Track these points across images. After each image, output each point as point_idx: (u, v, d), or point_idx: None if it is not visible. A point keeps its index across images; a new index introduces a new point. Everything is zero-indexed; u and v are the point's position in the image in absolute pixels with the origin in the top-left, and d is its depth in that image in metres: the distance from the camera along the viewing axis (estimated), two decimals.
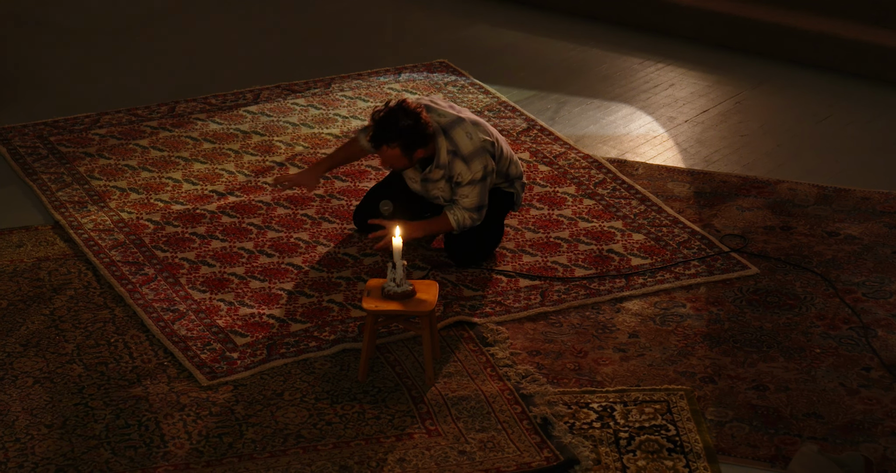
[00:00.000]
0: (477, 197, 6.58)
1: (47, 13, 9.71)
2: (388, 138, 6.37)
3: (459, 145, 6.53)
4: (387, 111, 6.38)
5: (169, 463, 5.51)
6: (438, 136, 6.51)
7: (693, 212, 7.26)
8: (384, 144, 6.39)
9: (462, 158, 6.51)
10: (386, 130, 6.36)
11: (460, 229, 6.63)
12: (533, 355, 6.17)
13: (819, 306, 6.50)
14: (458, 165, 6.52)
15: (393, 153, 6.41)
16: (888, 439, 5.65)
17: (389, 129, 6.36)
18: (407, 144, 6.39)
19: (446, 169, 6.56)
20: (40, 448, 5.58)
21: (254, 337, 6.26)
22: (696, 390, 5.94)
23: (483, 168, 6.53)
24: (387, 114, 6.37)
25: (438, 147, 6.52)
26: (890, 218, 7.19)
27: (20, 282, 6.62)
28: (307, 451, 5.58)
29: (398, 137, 6.36)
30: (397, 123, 6.35)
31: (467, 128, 6.55)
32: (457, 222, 6.60)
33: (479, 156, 6.53)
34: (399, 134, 6.36)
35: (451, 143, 6.53)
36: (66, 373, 6.01)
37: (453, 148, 6.52)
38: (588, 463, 5.50)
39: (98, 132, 8.02)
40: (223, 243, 6.95)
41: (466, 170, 6.52)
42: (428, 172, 6.59)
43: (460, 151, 6.52)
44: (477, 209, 6.60)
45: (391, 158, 6.45)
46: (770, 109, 8.46)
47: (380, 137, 6.39)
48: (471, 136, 6.54)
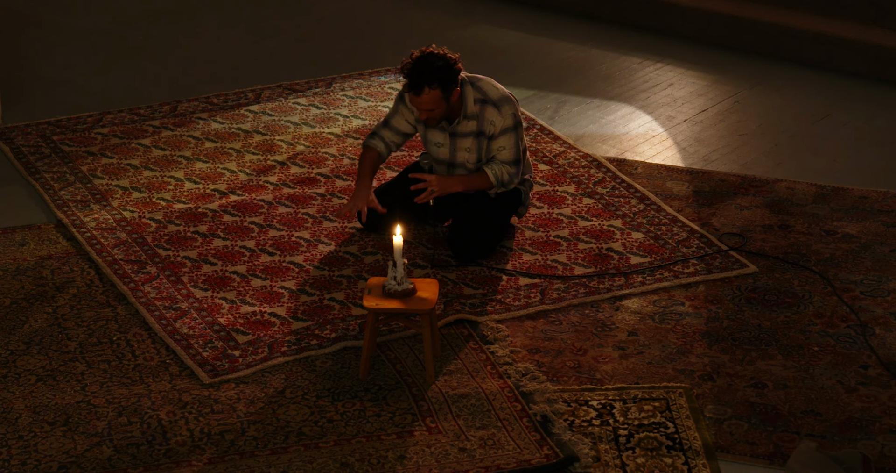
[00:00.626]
0: (513, 149, 6.65)
1: (50, 13, 9.71)
2: (427, 80, 6.46)
3: (487, 92, 6.64)
4: (415, 59, 6.50)
5: (171, 461, 5.51)
6: (465, 86, 6.60)
7: (692, 211, 7.26)
8: (425, 85, 6.46)
9: (492, 103, 6.61)
10: (423, 72, 6.46)
11: (499, 184, 6.71)
12: (533, 353, 6.17)
13: (817, 304, 6.50)
14: (489, 111, 6.59)
15: (433, 96, 6.49)
16: (886, 436, 5.65)
17: (426, 71, 6.46)
18: (445, 82, 6.48)
19: (477, 119, 6.61)
20: (43, 445, 5.58)
21: (255, 335, 6.26)
22: (694, 387, 5.93)
23: (513, 115, 6.62)
24: (418, 60, 6.49)
25: (465, 97, 6.60)
26: (888, 217, 7.18)
27: (23, 280, 6.62)
28: (308, 448, 5.58)
29: (436, 77, 6.46)
30: (432, 64, 6.47)
31: (491, 81, 6.69)
32: (495, 176, 6.67)
33: (507, 102, 6.64)
34: (436, 73, 6.46)
35: (478, 91, 6.64)
36: (69, 371, 6.01)
37: (481, 96, 6.63)
38: (587, 461, 5.50)
39: (101, 131, 8.02)
40: (225, 242, 6.95)
41: (499, 116, 6.59)
42: (456, 124, 6.63)
43: (489, 97, 6.63)
44: (514, 163, 6.68)
45: (430, 103, 6.51)
46: (768, 108, 8.46)
47: (419, 80, 6.47)
48: (496, 86, 6.68)
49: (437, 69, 6.46)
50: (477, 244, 6.76)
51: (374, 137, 6.84)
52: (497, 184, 6.71)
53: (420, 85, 6.47)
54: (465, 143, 6.69)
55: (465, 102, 6.61)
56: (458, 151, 6.72)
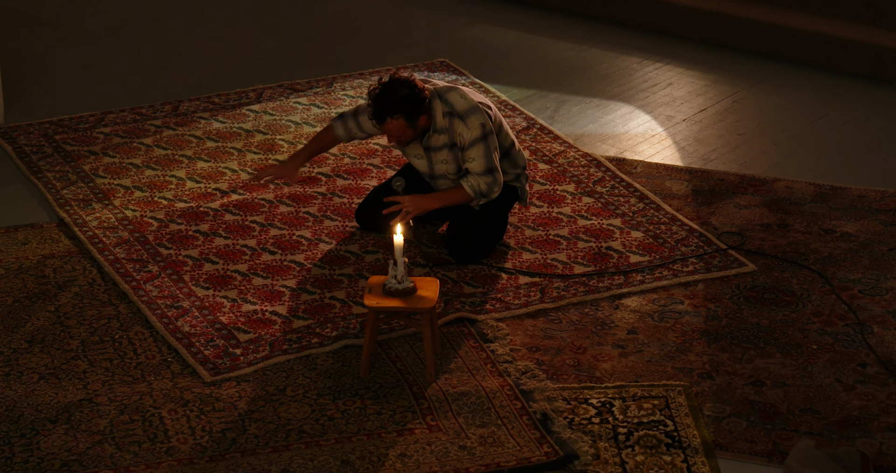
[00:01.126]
0: (483, 159, 6.58)
1: (52, 13, 9.71)
2: (389, 110, 6.41)
3: (454, 105, 6.57)
4: (382, 86, 6.42)
5: (173, 458, 5.51)
6: (434, 100, 6.55)
7: (691, 210, 7.25)
8: (388, 116, 6.42)
9: (458, 116, 6.55)
10: (386, 102, 6.40)
11: (478, 196, 6.64)
12: (533, 351, 6.17)
13: (816, 302, 6.50)
14: (456, 124, 6.55)
15: (397, 124, 6.45)
16: (884, 434, 5.65)
17: (389, 101, 6.40)
18: (408, 112, 6.43)
19: (447, 133, 6.58)
20: (45, 443, 5.58)
21: (256, 334, 6.26)
22: (693, 386, 5.93)
23: (481, 126, 6.54)
24: (383, 88, 6.41)
25: (433, 111, 6.55)
26: (886, 216, 7.18)
27: (25, 279, 6.62)
28: (309, 446, 5.58)
29: (399, 107, 6.40)
30: (395, 93, 6.39)
31: (461, 92, 6.61)
32: (472, 188, 6.61)
33: (474, 113, 6.55)
34: (399, 104, 6.40)
35: (445, 104, 6.57)
36: (71, 369, 6.01)
37: (448, 109, 6.57)
38: (587, 458, 5.50)
39: (102, 131, 8.02)
40: (226, 241, 6.95)
41: (465, 128, 6.54)
42: (427, 139, 6.60)
43: (455, 109, 6.56)
44: (489, 172, 6.60)
45: (396, 130, 6.48)
46: (767, 107, 8.46)
47: (381, 110, 6.43)
48: (464, 97, 6.59)
49: (400, 99, 6.39)
50: (475, 245, 6.75)
51: (339, 120, 6.85)
52: (476, 196, 6.65)
53: (383, 115, 6.42)
54: (441, 155, 6.67)
55: (433, 116, 6.57)
56: (436, 164, 6.71)
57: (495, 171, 6.61)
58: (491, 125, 6.59)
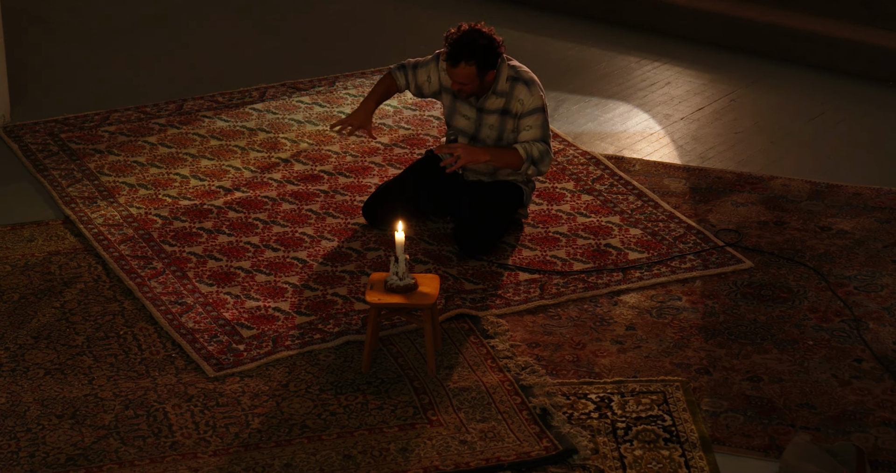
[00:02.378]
0: (540, 128, 6.62)
1: (58, 13, 9.70)
2: (466, 56, 6.44)
3: (520, 72, 6.63)
4: (462, 32, 6.47)
5: (177, 453, 5.50)
6: (501, 64, 6.60)
7: (689, 207, 7.25)
8: (462, 60, 6.44)
9: (524, 82, 6.60)
10: (465, 47, 6.44)
11: (529, 161, 6.62)
12: (532, 347, 6.16)
13: (812, 299, 6.50)
14: (519, 89, 6.58)
15: (468, 72, 6.47)
16: (879, 429, 5.65)
17: (468, 46, 6.44)
18: (482, 62, 6.47)
19: (506, 96, 6.60)
20: (51, 437, 5.58)
21: (260, 330, 6.25)
22: (691, 381, 5.93)
23: (542, 98, 6.61)
24: (464, 33, 6.46)
25: (499, 72, 6.59)
26: (881, 213, 7.18)
27: (31, 276, 6.62)
28: (312, 441, 5.57)
29: (475, 54, 6.44)
30: (475, 41, 6.44)
31: (524, 67, 6.68)
32: (525, 150, 6.61)
33: (537, 85, 6.63)
34: (476, 52, 6.44)
35: (512, 69, 6.62)
36: (77, 365, 6.01)
37: (514, 74, 6.62)
38: (586, 453, 5.49)
39: (108, 129, 8.02)
40: (230, 238, 6.94)
41: (528, 95, 6.58)
42: (484, 99, 6.61)
43: (521, 76, 6.62)
44: (543, 140, 6.63)
45: (464, 77, 6.50)
46: (764, 106, 8.45)
47: (458, 54, 6.45)
48: (528, 71, 6.66)
49: (479, 47, 6.44)
50: (482, 239, 6.75)
51: (399, 70, 6.87)
52: (527, 159, 6.62)
53: (458, 58, 6.45)
54: (490, 119, 6.68)
55: (498, 77, 6.61)
56: (483, 127, 6.71)
57: (549, 143, 6.66)
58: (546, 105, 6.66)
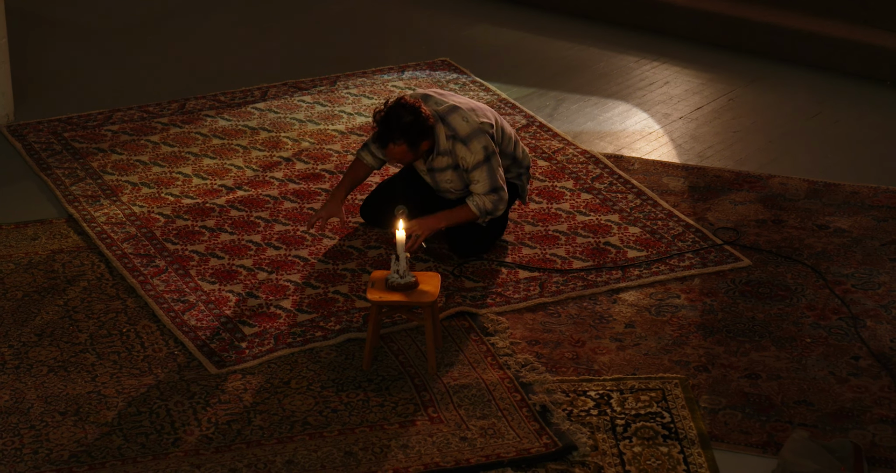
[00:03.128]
0: (488, 180, 6.54)
1: (61, 13, 9.70)
2: (392, 137, 6.38)
3: (457, 129, 6.52)
4: (387, 110, 6.38)
5: (179, 450, 5.50)
6: (437, 124, 6.51)
7: (687, 206, 7.24)
8: (390, 142, 6.40)
9: (461, 140, 6.51)
10: (390, 128, 6.37)
11: (483, 214, 6.59)
12: (532, 344, 6.16)
13: (809, 297, 6.49)
14: (459, 148, 6.52)
15: (400, 149, 6.42)
16: (876, 426, 5.64)
17: (392, 127, 6.36)
18: (411, 138, 6.40)
19: (450, 155, 6.55)
20: (54, 434, 5.57)
21: (261, 327, 6.25)
22: (690, 378, 5.93)
23: (484, 148, 6.51)
24: (387, 113, 6.37)
25: (437, 134, 6.52)
26: (878, 212, 7.17)
27: (35, 274, 6.61)
28: (313, 438, 5.57)
29: (402, 134, 6.37)
30: (399, 119, 6.35)
31: (463, 113, 6.54)
32: (477, 207, 6.57)
33: (476, 137, 6.51)
34: (402, 130, 6.36)
35: (448, 128, 6.53)
36: (80, 362, 6.00)
37: (452, 133, 6.53)
38: (585, 450, 5.49)
39: (111, 128, 8.01)
40: (232, 236, 6.94)
41: (468, 152, 6.50)
42: (431, 160, 6.59)
43: (458, 134, 6.52)
44: (493, 191, 6.56)
45: (399, 154, 6.46)
46: (762, 106, 8.45)
47: (385, 136, 6.39)
48: (467, 119, 6.53)
49: (404, 125, 6.35)
50: (476, 240, 6.74)
51: (364, 150, 6.81)
52: (482, 214, 6.60)
53: (386, 140, 6.39)
54: (445, 175, 6.64)
55: (437, 140, 6.53)
56: (441, 183, 6.70)
57: (500, 189, 6.57)
58: (493, 146, 6.55)
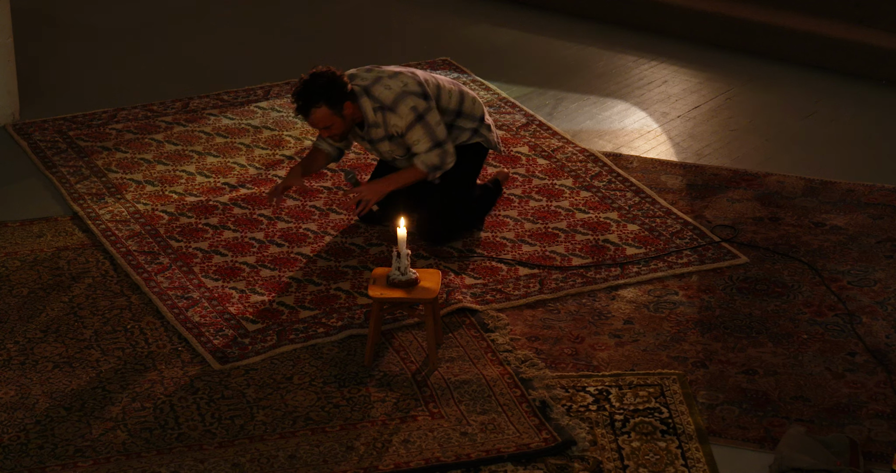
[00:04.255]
0: (426, 137, 6.51)
1: (66, 13, 9.69)
2: (311, 100, 6.33)
3: (381, 98, 6.48)
4: (300, 82, 6.36)
5: (183, 444, 5.49)
6: (362, 97, 6.47)
7: (685, 203, 7.24)
8: (311, 107, 6.35)
9: (388, 108, 6.47)
10: (306, 94, 6.33)
11: (432, 170, 6.56)
12: (532, 340, 6.15)
13: (806, 293, 6.49)
14: (388, 116, 6.48)
15: (323, 114, 6.36)
16: (872, 421, 5.64)
17: (308, 92, 6.33)
18: (330, 99, 6.34)
19: (383, 126, 6.51)
20: (60, 429, 5.57)
21: (264, 323, 6.24)
22: (688, 374, 5.92)
23: (412, 109, 6.47)
24: (301, 83, 6.35)
25: (364, 108, 6.48)
26: (874, 209, 7.17)
27: (40, 271, 6.61)
28: (315, 433, 5.56)
29: (319, 95, 6.32)
30: (313, 83, 6.33)
31: (385, 82, 6.51)
32: (423, 163, 6.55)
33: (401, 100, 6.47)
34: (319, 92, 6.32)
35: (373, 100, 6.49)
36: (85, 358, 6.00)
37: (377, 104, 6.49)
38: (585, 444, 5.48)
39: (115, 127, 8.01)
40: (235, 234, 6.93)
41: (397, 117, 6.47)
42: (367, 133, 6.56)
43: (384, 103, 6.48)
44: (437, 146, 6.53)
45: (324, 120, 6.39)
46: (759, 105, 8.44)
47: (303, 103, 6.35)
48: (388, 87, 6.49)
49: (318, 88, 6.32)
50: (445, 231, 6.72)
51: (319, 138, 6.79)
52: (431, 170, 6.58)
53: (305, 107, 6.35)
54: (384, 146, 6.62)
55: (364, 113, 6.50)
56: (384, 153, 6.68)
57: (444, 143, 6.54)
58: (424, 104, 6.49)
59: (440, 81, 6.68)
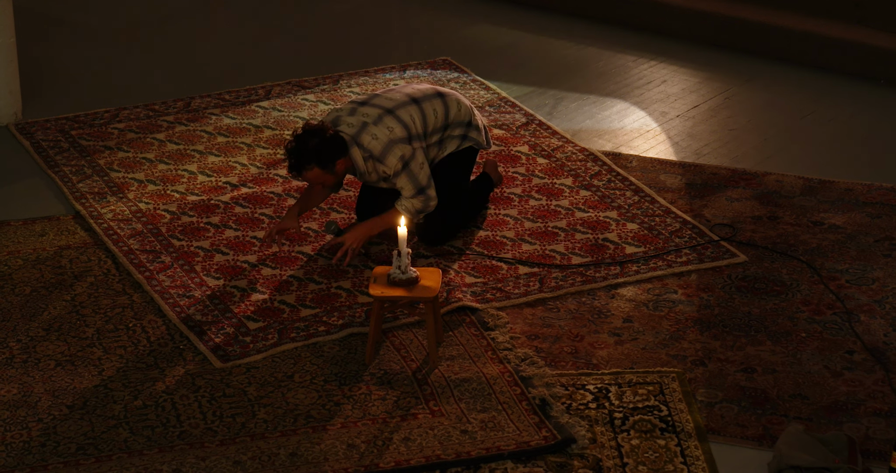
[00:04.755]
0: (410, 184, 6.52)
1: (68, 13, 9.69)
2: (302, 162, 6.33)
3: (370, 149, 6.47)
4: (294, 138, 6.34)
5: (185, 442, 5.49)
6: (352, 147, 6.46)
7: (684, 202, 7.24)
8: (302, 169, 6.35)
9: (376, 159, 6.47)
10: (298, 155, 6.32)
11: (415, 214, 6.57)
12: (532, 339, 6.15)
13: (804, 292, 6.49)
14: (378, 166, 6.50)
15: (315, 174, 6.38)
16: (870, 419, 5.64)
17: (300, 153, 6.31)
18: (322, 160, 6.34)
19: (374, 172, 6.54)
20: (62, 427, 5.57)
21: (265, 322, 6.24)
22: (687, 372, 5.92)
23: (400, 159, 6.46)
24: (294, 140, 6.32)
25: (355, 158, 6.48)
26: (872, 208, 7.17)
27: (43, 269, 6.61)
28: (316, 430, 5.56)
29: (311, 157, 6.32)
30: (305, 145, 6.30)
31: (371, 130, 6.47)
32: (405, 209, 6.55)
33: (389, 151, 6.46)
34: (310, 154, 6.31)
35: (362, 149, 6.48)
36: (87, 356, 6.00)
37: (367, 154, 6.48)
38: (584, 442, 5.48)
39: (117, 126, 8.01)
40: (236, 233, 6.93)
41: (385, 166, 6.47)
42: (362, 177, 6.59)
43: (373, 154, 6.47)
44: (419, 192, 6.54)
45: (317, 178, 6.42)
46: (758, 104, 8.44)
47: (295, 164, 6.35)
48: (375, 136, 6.47)
49: (310, 150, 6.30)
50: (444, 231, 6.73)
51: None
52: (413, 215, 6.58)
53: (298, 168, 6.34)
54: (380, 185, 6.64)
55: (356, 163, 6.48)
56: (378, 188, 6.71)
57: (425, 189, 6.54)
58: (409, 150, 6.47)
59: (422, 105, 6.64)
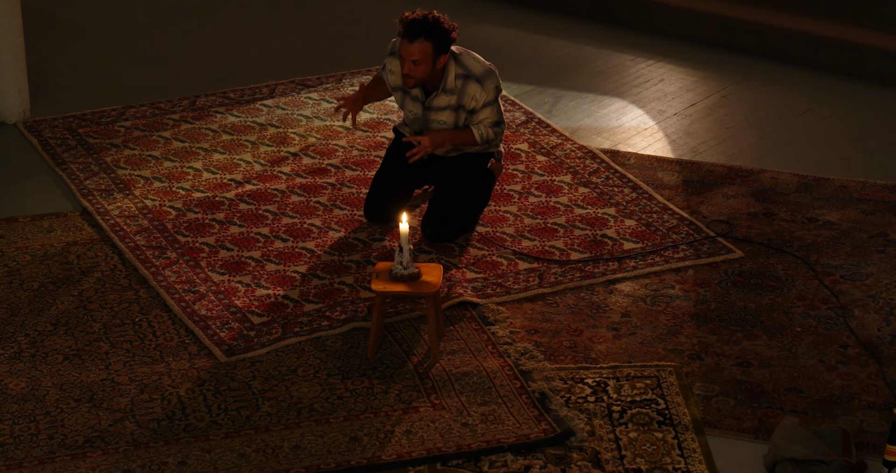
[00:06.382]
0: (496, 115, 6.61)
1: (76, 13, 9.69)
2: (425, 33, 6.32)
3: (470, 68, 6.50)
4: (421, 14, 6.35)
5: (190, 435, 5.50)
6: (449, 60, 6.47)
7: (681, 199, 7.24)
8: (421, 36, 6.32)
9: (476, 79, 6.48)
10: (425, 24, 6.33)
11: (483, 141, 6.64)
12: (531, 333, 6.15)
13: (799, 287, 6.49)
14: (471, 87, 6.48)
15: (424, 48, 6.34)
16: (864, 412, 5.64)
17: (426, 25, 6.33)
18: (439, 42, 6.35)
19: (457, 94, 6.50)
20: (69, 420, 5.57)
21: (269, 317, 6.24)
22: (684, 366, 5.92)
23: (496, 88, 6.55)
24: (423, 16, 6.35)
25: (447, 71, 6.47)
26: (866, 205, 7.17)
27: (50, 265, 6.61)
28: (320, 423, 5.57)
29: (434, 34, 6.33)
30: (434, 23, 6.34)
31: (473, 55, 6.57)
32: (480, 135, 6.62)
33: (490, 76, 6.53)
34: (435, 30, 6.33)
35: (460, 66, 6.50)
36: (94, 350, 6.00)
37: (464, 72, 6.49)
38: (583, 435, 5.49)
39: (124, 124, 8.01)
40: (241, 229, 6.93)
41: (481, 91, 6.48)
42: (433, 98, 6.54)
43: (472, 72, 6.49)
44: (497, 124, 6.64)
45: (419, 54, 6.35)
46: (754, 102, 8.44)
47: (417, 30, 6.32)
48: (477, 59, 6.55)
49: (436, 27, 6.34)
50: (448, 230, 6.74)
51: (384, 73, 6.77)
52: (482, 142, 6.65)
53: (416, 34, 6.31)
54: (441, 115, 6.59)
55: (446, 75, 6.47)
56: (432, 123, 6.65)
57: (502, 123, 6.67)
58: (501, 87, 6.61)
59: None
